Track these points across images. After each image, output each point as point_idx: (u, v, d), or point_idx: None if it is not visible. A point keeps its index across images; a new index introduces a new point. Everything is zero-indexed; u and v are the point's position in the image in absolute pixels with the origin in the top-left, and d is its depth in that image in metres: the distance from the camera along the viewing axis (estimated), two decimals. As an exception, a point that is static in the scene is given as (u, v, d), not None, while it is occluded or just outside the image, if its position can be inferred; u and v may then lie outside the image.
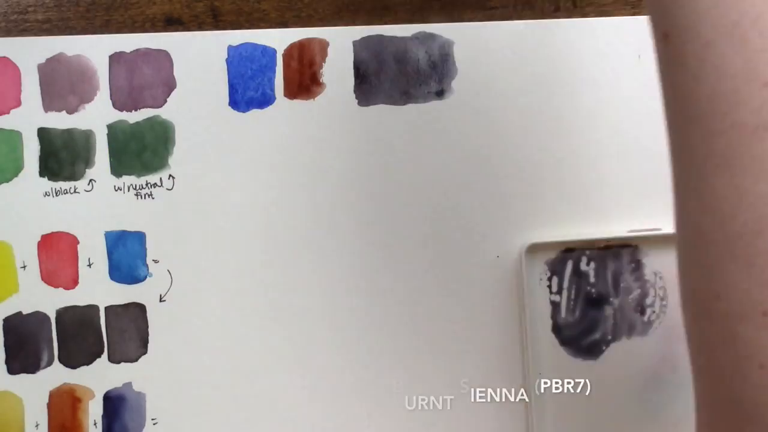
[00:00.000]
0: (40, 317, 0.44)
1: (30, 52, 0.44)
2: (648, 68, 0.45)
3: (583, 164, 0.46)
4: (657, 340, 0.46)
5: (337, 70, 0.45)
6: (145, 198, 0.45)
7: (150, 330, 0.45)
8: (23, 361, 0.44)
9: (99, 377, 0.45)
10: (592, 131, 0.46)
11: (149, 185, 0.45)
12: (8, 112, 0.44)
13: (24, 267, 0.44)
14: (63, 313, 0.45)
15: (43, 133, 0.44)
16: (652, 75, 0.39)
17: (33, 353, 0.44)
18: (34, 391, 0.44)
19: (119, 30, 0.45)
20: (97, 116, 0.44)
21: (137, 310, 0.45)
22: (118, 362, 0.45)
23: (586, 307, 0.46)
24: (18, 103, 0.44)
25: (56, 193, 0.44)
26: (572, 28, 0.46)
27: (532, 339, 0.45)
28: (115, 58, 0.44)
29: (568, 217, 0.46)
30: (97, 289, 0.45)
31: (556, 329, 0.45)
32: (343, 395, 0.45)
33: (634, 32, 0.45)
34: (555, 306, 0.45)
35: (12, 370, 0.44)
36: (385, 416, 0.45)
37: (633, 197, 0.46)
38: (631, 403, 0.45)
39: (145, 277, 0.45)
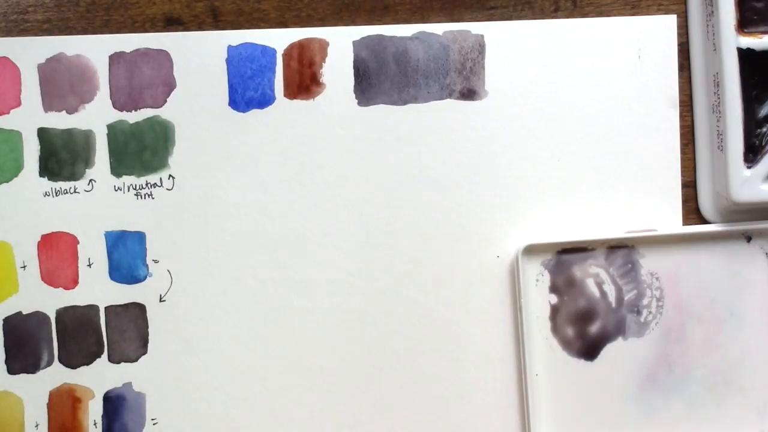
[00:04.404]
0: (40, 317, 0.45)
1: (30, 52, 0.44)
2: (648, 68, 0.45)
3: (581, 165, 0.46)
4: (653, 341, 0.46)
5: (337, 70, 0.45)
6: (145, 198, 0.45)
7: (150, 330, 0.45)
8: (23, 361, 0.45)
9: (99, 377, 0.45)
10: (591, 131, 0.46)
11: (149, 185, 0.45)
12: (8, 112, 0.44)
13: (24, 267, 0.44)
14: (63, 313, 0.45)
15: (43, 133, 0.44)
16: (652, 75, 0.40)
17: (33, 353, 0.45)
18: (34, 391, 0.45)
19: (119, 30, 0.45)
20: (97, 116, 0.44)
21: (137, 310, 0.45)
22: (118, 362, 0.45)
23: (582, 308, 0.46)
24: (18, 103, 0.44)
25: (56, 193, 0.44)
26: (572, 28, 0.45)
27: (529, 339, 0.45)
28: (115, 58, 0.44)
29: (565, 218, 0.46)
30: (97, 289, 0.45)
31: (553, 330, 0.46)
32: (342, 395, 0.45)
33: (634, 32, 0.46)
34: (552, 306, 0.46)
35: (12, 370, 0.45)
36: (384, 416, 0.46)
37: (630, 198, 0.46)
38: (628, 404, 0.46)
39: (145, 277, 0.45)
